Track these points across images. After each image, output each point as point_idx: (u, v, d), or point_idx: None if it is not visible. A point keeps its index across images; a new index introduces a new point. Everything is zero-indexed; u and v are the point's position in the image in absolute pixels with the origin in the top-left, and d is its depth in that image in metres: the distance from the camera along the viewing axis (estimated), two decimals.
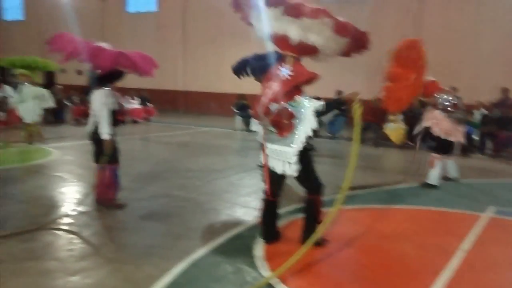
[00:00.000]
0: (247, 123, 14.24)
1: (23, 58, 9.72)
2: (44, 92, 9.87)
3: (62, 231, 4.69)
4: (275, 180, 4.29)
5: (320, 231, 4.01)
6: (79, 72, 21.45)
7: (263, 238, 4.46)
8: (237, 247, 4.36)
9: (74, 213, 5.18)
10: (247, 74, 7.24)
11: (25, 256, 4.02)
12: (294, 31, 3.93)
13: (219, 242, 4.47)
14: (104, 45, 5.18)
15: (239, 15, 4.45)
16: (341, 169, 7.08)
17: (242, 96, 15.18)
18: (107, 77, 5.32)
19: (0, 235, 4.43)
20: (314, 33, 3.91)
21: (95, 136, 5.36)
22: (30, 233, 4.57)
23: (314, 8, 3.83)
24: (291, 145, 4.02)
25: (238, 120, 14.71)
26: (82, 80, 21.47)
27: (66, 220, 4.99)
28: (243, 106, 14.80)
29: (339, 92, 13.30)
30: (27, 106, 9.44)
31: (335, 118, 11.09)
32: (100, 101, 5.22)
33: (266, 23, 4.00)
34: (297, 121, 4.03)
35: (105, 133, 5.21)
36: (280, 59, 4.25)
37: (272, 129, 4.17)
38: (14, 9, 26.62)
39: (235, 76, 7.57)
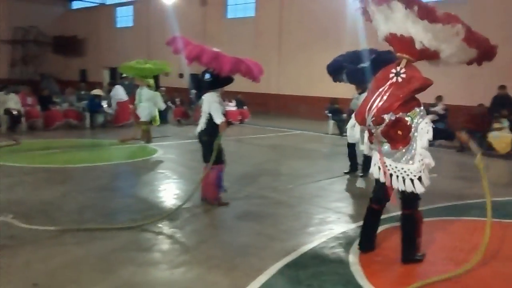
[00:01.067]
0: (339, 128, 14.14)
1: (141, 68, 10.36)
2: (158, 95, 10.68)
3: (165, 225, 5.05)
4: (381, 188, 4.12)
5: (481, 252, 3.86)
6: (181, 76, 22.70)
7: (359, 246, 4.40)
8: (331, 252, 4.40)
9: (176, 209, 5.52)
10: (343, 80, 7.22)
11: (133, 247, 4.40)
12: (422, 34, 3.70)
13: (312, 245, 4.55)
14: (217, 50, 5.44)
15: (362, 14, 4.20)
16: (435, 179, 6.84)
17: (334, 100, 15.09)
18: (219, 81, 5.60)
19: (113, 227, 4.90)
20: (443, 40, 3.69)
21: (203, 138, 5.71)
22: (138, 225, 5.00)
23: (446, 13, 3.62)
24: (411, 161, 3.81)
25: (331, 124, 14.65)
26: (183, 83, 22.73)
27: (170, 215, 5.34)
28: (336, 110, 14.72)
29: (439, 98, 12.73)
30: (143, 107, 10.29)
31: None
32: (211, 100, 5.54)
33: (395, 23, 3.80)
34: (414, 134, 3.79)
35: (218, 118, 5.49)
36: (389, 61, 4.11)
37: (384, 139, 3.92)
38: (125, 17, 28.95)
39: (328, 80, 7.62)
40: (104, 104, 14.34)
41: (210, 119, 5.60)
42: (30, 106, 12.87)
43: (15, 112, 12.19)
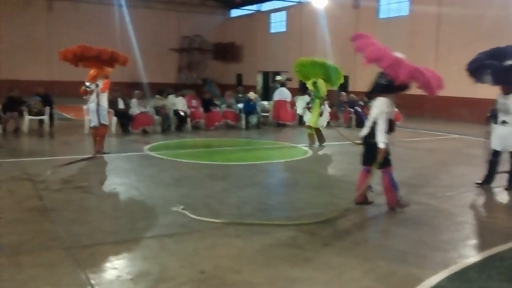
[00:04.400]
0: None
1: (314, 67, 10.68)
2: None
3: (319, 225, 5.08)
4: None
5: None
6: None
7: None
8: (498, 268, 4.03)
9: (340, 212, 5.42)
10: (486, 81, 6.61)
11: (289, 244, 4.53)
12: None
13: (476, 259, 4.22)
14: (400, 55, 5.32)
15: None
16: None
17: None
18: (394, 86, 5.39)
19: (272, 223, 5.09)
20: None
21: (367, 140, 5.65)
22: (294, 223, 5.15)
23: None
24: None
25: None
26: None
27: (322, 214, 5.39)
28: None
29: None
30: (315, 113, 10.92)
31: None
32: (382, 109, 5.44)
33: None
34: None
35: (381, 141, 5.38)
36: None
37: None
38: (278, 23, 30.10)
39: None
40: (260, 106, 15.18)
41: (375, 124, 5.49)
42: (194, 108, 14.14)
43: (182, 113, 13.53)
